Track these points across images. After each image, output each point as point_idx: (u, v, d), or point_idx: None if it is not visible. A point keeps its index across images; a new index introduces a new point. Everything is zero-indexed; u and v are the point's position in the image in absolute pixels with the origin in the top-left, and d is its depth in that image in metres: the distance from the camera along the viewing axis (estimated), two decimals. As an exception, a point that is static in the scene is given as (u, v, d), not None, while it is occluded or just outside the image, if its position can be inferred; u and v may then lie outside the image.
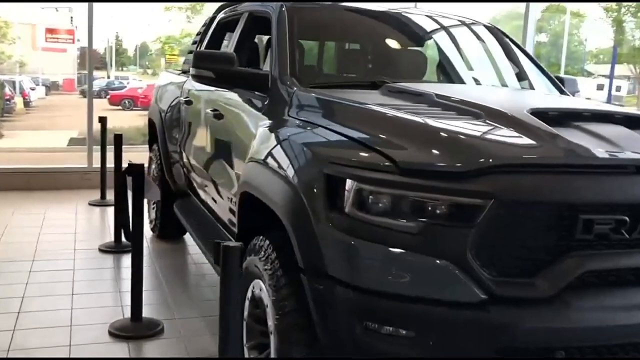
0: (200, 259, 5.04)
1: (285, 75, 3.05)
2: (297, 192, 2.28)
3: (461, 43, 3.70)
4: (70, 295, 4.14)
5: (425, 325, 2.03)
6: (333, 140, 2.31)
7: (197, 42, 5.04)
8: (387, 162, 2.07)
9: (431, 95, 2.60)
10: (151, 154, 5.62)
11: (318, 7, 3.59)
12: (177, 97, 4.96)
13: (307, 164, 2.29)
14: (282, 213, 2.35)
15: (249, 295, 2.75)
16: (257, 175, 2.64)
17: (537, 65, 3.73)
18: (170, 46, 19.70)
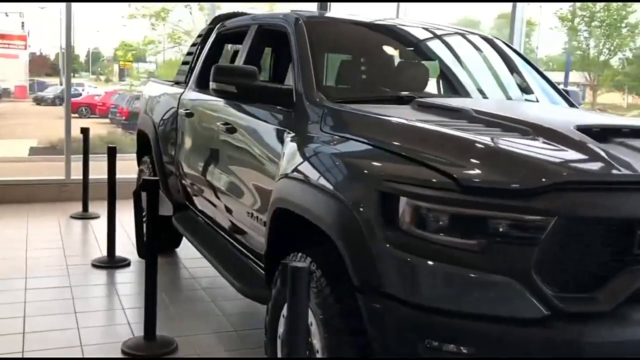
0: (197, 273, 4.98)
1: (311, 90, 3.04)
2: (349, 210, 2.26)
3: (475, 56, 3.75)
4: (74, 313, 4.03)
5: (488, 342, 2.04)
6: (383, 156, 2.30)
7: (194, 54, 4.98)
8: (446, 179, 2.08)
9: (468, 111, 2.63)
10: (142, 166, 5.51)
11: (336, 20, 3.59)
12: (173, 108, 4.88)
13: (359, 181, 2.28)
14: (333, 231, 2.33)
15: (284, 313, 2.72)
16: (297, 192, 2.61)
17: (543, 77, 3.80)
18: (129, 52, 19.35)
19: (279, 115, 3.20)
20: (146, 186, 3.45)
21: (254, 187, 3.34)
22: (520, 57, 3.93)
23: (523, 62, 3.90)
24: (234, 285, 3.43)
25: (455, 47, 3.77)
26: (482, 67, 3.75)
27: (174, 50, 17.89)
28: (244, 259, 3.68)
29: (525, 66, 3.88)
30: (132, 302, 4.29)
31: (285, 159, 2.87)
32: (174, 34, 17.56)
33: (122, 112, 18.47)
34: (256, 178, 3.31)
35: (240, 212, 3.52)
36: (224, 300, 4.44)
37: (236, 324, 4.01)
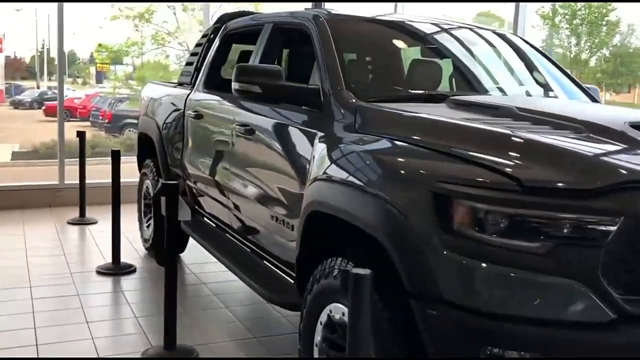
0: (205, 278, 4.86)
1: (340, 90, 2.95)
2: (400, 213, 2.18)
3: (493, 53, 3.69)
4: (85, 323, 3.90)
5: (553, 348, 1.97)
6: (433, 157, 2.22)
7: (199, 54, 4.86)
8: (508, 180, 2.00)
9: (511, 108, 2.56)
10: (145, 169, 5.39)
11: (357, 18, 3.51)
12: (179, 110, 4.77)
13: (410, 182, 2.20)
14: (382, 235, 2.24)
15: (322, 320, 2.63)
16: (337, 195, 2.52)
17: (564, 72, 3.75)
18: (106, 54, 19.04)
19: (305, 116, 3.11)
20: (165, 190, 3.34)
21: (278, 190, 3.25)
22: (538, 52, 3.87)
23: (541, 57, 3.84)
24: (259, 292, 3.34)
25: (475, 44, 3.70)
26: (501, 63, 3.68)
27: (158, 51, 17.67)
28: (266, 265, 3.59)
29: (543, 61, 3.82)
30: (143, 310, 4.17)
31: (318, 160, 2.78)
32: (158, 35, 17.35)
33: (105, 114, 18.23)
34: (280, 180, 3.22)
35: (262, 216, 3.43)
36: (236, 305, 4.34)
37: (254, 330, 3.91)
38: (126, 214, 6.62)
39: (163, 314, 3.98)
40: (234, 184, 3.76)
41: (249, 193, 3.58)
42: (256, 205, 3.49)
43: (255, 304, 4.38)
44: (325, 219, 2.67)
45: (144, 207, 5.52)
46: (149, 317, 4.04)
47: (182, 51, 18.14)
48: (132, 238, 5.71)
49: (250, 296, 4.52)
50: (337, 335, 2.57)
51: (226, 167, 3.89)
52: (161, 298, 4.35)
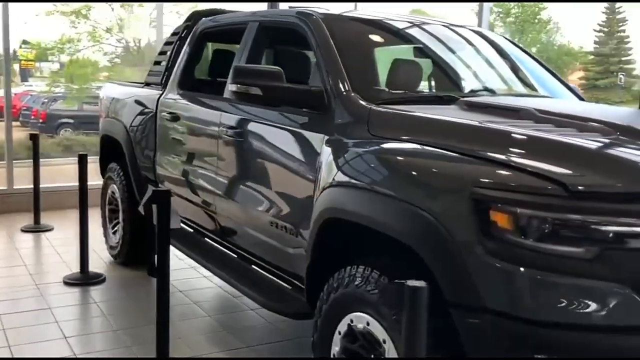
0: (181, 286, 4.68)
1: (347, 92, 2.87)
2: (436, 220, 2.12)
3: (488, 52, 3.68)
4: (64, 338, 3.69)
5: (602, 353, 1.96)
6: (466, 162, 2.17)
7: (171, 53, 4.68)
8: (553, 185, 1.97)
9: (530, 110, 2.54)
10: (110, 173, 5.15)
11: (353, 17, 3.43)
12: (150, 111, 4.58)
13: (445, 188, 2.14)
14: (418, 243, 2.18)
15: (341, 330, 2.55)
16: (360, 202, 2.44)
17: (551, 72, 3.79)
18: (31, 51, 18.26)
19: (307, 119, 3.01)
20: (157, 197, 3.17)
21: (277, 194, 3.14)
22: (521, 50, 3.88)
23: (526, 55, 3.86)
24: (258, 301, 3.23)
25: (466, 43, 3.68)
26: (496, 63, 3.67)
27: (95, 48, 17.12)
28: (258, 271, 3.48)
29: (525, 59, 3.83)
30: (122, 322, 3.97)
31: (330, 165, 2.68)
32: (95, 32, 16.82)
33: (38, 114, 17.55)
34: (280, 184, 3.12)
35: (257, 222, 3.31)
36: (218, 314, 4.21)
37: (245, 339, 3.78)
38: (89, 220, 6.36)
39: (144, 325, 3.87)
40: (221, 189, 3.63)
41: (240, 198, 3.45)
42: (250, 210, 3.37)
43: (237, 312, 4.26)
44: (341, 227, 2.59)
45: (109, 213, 5.29)
46: (131, 329, 3.86)
47: (118, 47, 17.63)
48: (92, 245, 5.43)
49: (230, 304, 4.41)
50: (358, 345, 2.49)
51: (210, 171, 3.75)
52: (139, 308, 4.21)
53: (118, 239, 5.08)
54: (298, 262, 3.07)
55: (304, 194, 2.94)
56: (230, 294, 4.58)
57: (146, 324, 3.95)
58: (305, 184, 2.92)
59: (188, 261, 5.17)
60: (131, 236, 4.91)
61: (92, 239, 5.38)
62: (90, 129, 15.54)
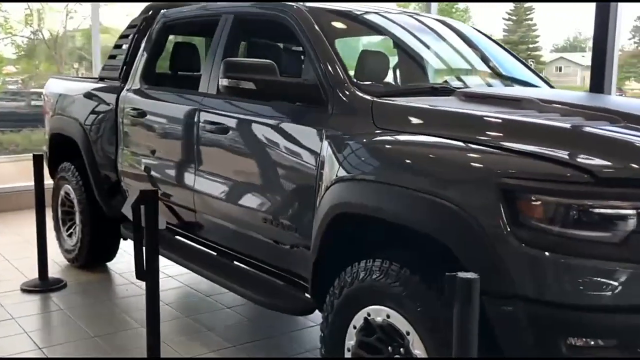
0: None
1: (344, 84, 2.85)
2: (463, 211, 2.14)
3: (463, 43, 3.73)
4: (38, 349, 3.50)
5: (632, 333, 2.04)
6: (491, 153, 2.19)
7: (129, 46, 4.50)
8: (580, 173, 2.03)
9: (532, 100, 2.60)
10: (64, 173, 4.91)
11: (335, 10, 3.40)
12: (109, 107, 4.41)
13: (474, 180, 2.16)
14: (444, 234, 2.20)
15: (356, 323, 2.55)
16: (377, 196, 2.43)
17: (517, 59, 3.89)
18: None
19: (301, 113, 2.97)
20: (144, 198, 3.05)
21: (272, 191, 3.09)
22: (488, 39, 3.96)
23: (496, 45, 3.94)
24: (254, 300, 3.18)
25: (436, 33, 3.72)
26: (465, 52, 3.73)
27: (7, 41, 16.27)
28: (243, 268, 3.43)
29: (497, 49, 3.91)
30: (98, 328, 3.81)
31: (335, 160, 2.66)
32: (6, 23, 15.99)
33: None
34: (276, 181, 3.06)
35: (248, 220, 3.25)
36: (197, 314, 4.10)
37: (229, 338, 3.71)
38: (26, 221, 6.11)
39: (122, 331, 3.75)
40: (202, 186, 3.54)
41: (226, 195, 3.38)
42: (238, 207, 3.30)
43: (215, 311, 4.18)
44: (352, 222, 2.59)
45: (62, 215, 5.05)
46: (109, 335, 3.71)
47: (34, 40, 16.88)
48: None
49: (205, 303, 4.32)
50: (375, 338, 2.49)
51: (187, 168, 3.65)
52: (111, 313, 4.06)
53: (75, 242, 4.86)
54: (295, 259, 3.04)
55: (302, 189, 2.91)
56: (202, 292, 4.49)
57: (123, 329, 3.83)
58: (303, 178, 2.89)
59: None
60: (91, 238, 4.71)
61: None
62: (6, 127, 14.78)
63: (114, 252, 4.93)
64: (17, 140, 14.29)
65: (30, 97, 18.02)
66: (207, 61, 3.67)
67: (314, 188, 2.82)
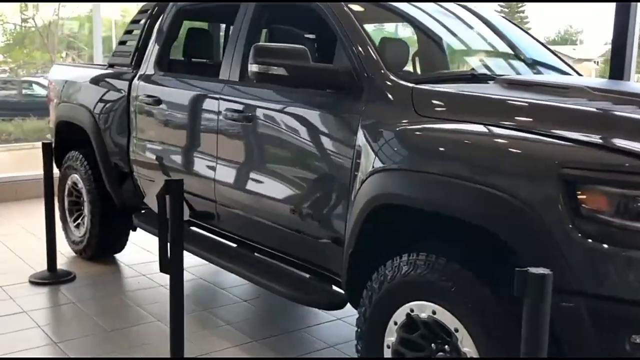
0: (160, 280, 4.41)
1: (383, 72, 2.74)
2: (521, 203, 2.05)
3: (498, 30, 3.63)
4: (53, 344, 3.39)
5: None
6: (549, 143, 2.10)
7: (141, 32, 4.36)
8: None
9: (581, 88, 2.51)
10: (71, 162, 4.78)
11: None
12: (121, 95, 4.27)
13: (532, 170, 2.06)
14: (500, 226, 2.11)
15: (397, 319, 2.45)
16: (423, 187, 2.33)
17: (549, 49, 3.80)
18: None
19: (336, 100, 2.86)
20: (169, 188, 2.94)
21: (301, 182, 2.98)
22: (515, 26, 3.86)
23: (514, 28, 3.84)
24: (283, 294, 3.07)
25: (461, 18, 3.62)
26: (501, 39, 3.63)
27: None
28: (273, 262, 3.33)
29: (517, 33, 3.81)
30: (113, 322, 3.69)
31: (374, 149, 2.56)
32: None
33: None
34: (305, 171, 2.96)
35: (275, 211, 3.14)
36: (213, 307, 3.99)
37: (249, 332, 3.61)
38: (27, 212, 5.99)
39: (137, 325, 3.65)
40: (223, 176, 3.42)
41: (250, 185, 3.27)
42: (263, 198, 3.19)
43: (232, 304, 4.08)
44: (391, 214, 2.49)
45: (69, 205, 4.92)
46: (126, 329, 3.60)
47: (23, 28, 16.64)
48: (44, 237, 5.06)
49: (220, 295, 4.22)
50: (418, 334, 2.40)
51: (208, 157, 3.53)
52: (124, 306, 3.94)
53: (83, 233, 4.74)
54: (324, 251, 2.95)
55: (334, 179, 2.81)
56: (216, 285, 4.39)
57: (139, 323, 3.73)
58: (336, 168, 2.79)
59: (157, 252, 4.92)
60: (100, 229, 4.59)
61: (43, 233, 5.05)
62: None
63: (123, 244, 4.81)
64: (10, 129, 14.07)
65: (22, 85, 17.78)
66: (228, 48, 3.55)
67: (348, 178, 2.72)
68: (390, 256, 2.51)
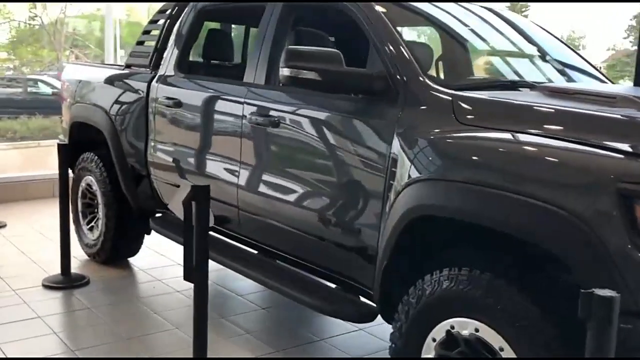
0: (176, 285, 4.32)
1: (418, 77, 2.66)
2: (571, 216, 1.96)
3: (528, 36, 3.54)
4: (70, 351, 3.30)
5: None
6: (603, 155, 2.00)
7: (160, 32, 4.27)
8: None
9: (627, 97, 2.42)
10: (86, 164, 4.68)
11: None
12: (139, 96, 4.19)
13: (588, 183, 1.98)
14: (550, 241, 2.02)
15: (436, 336, 2.36)
16: (467, 198, 2.24)
17: (580, 56, 3.71)
18: None
19: (369, 106, 2.77)
20: (196, 194, 2.85)
21: (332, 190, 2.89)
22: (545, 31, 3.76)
23: (545, 34, 3.74)
24: (312, 306, 2.99)
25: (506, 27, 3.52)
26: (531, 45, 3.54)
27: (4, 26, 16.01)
28: (298, 271, 3.24)
29: (548, 38, 3.71)
30: (130, 329, 3.60)
31: (411, 158, 2.47)
32: (4, 8, 15.70)
33: None
34: (337, 179, 2.87)
35: (302, 219, 3.05)
36: (232, 315, 3.90)
37: (271, 342, 3.52)
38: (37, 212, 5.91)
39: (158, 332, 3.56)
40: (247, 182, 3.33)
41: (276, 192, 3.18)
42: (290, 205, 3.10)
43: (250, 312, 3.99)
44: (427, 225, 2.41)
45: (83, 207, 4.83)
46: (145, 337, 3.51)
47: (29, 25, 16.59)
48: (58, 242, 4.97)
49: (238, 303, 4.13)
50: (457, 352, 2.31)
51: (231, 162, 3.44)
52: (140, 313, 3.85)
53: (97, 236, 4.64)
54: (353, 261, 2.86)
55: (367, 188, 2.72)
56: (233, 291, 4.30)
57: (157, 330, 3.65)
58: (369, 177, 2.70)
59: (171, 257, 4.84)
60: (115, 232, 4.50)
61: (55, 236, 4.97)
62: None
63: (137, 247, 4.72)
64: (15, 128, 14.00)
65: (27, 83, 17.72)
66: (253, 50, 3.46)
67: (382, 187, 2.63)
68: (424, 269, 2.43)
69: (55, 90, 16.37)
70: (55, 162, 4.36)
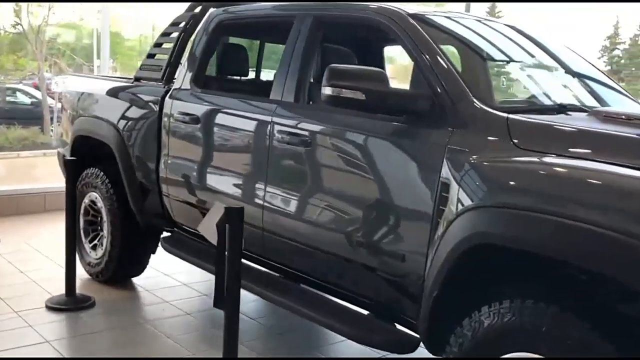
0: (185, 307, 4.16)
1: (468, 98, 2.56)
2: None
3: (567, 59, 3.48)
4: (86, 380, 3.13)
5: None
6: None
7: (174, 45, 4.14)
8: None
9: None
10: (90, 179, 4.51)
11: (437, 16, 3.11)
12: (151, 111, 4.04)
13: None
14: (624, 273, 1.93)
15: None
16: (530, 227, 2.13)
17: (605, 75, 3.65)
18: None
19: (414, 128, 2.67)
20: (230, 217, 2.71)
21: (375, 214, 2.78)
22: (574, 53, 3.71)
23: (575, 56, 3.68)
24: (345, 334, 2.87)
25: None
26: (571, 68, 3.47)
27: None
28: (329, 298, 3.12)
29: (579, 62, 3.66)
30: (143, 354, 3.44)
31: (465, 183, 2.37)
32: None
33: None
34: (379, 203, 2.75)
35: (337, 243, 2.93)
36: (251, 339, 3.73)
37: (294, 370, 3.39)
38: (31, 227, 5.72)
39: (172, 356, 3.40)
40: (275, 203, 3.21)
41: (307, 214, 3.06)
42: (321, 229, 2.98)
43: (269, 337, 3.85)
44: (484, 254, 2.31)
45: (85, 225, 4.64)
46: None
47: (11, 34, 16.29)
48: (57, 260, 4.77)
49: (253, 326, 3.97)
50: (515, 388, 2.21)
51: (256, 182, 3.31)
52: (154, 337, 3.70)
53: (101, 255, 4.46)
54: (397, 290, 2.74)
55: (414, 214, 2.61)
56: (243, 313, 4.13)
57: (171, 355, 3.46)
58: (416, 201, 2.60)
59: (177, 277, 4.68)
60: (120, 251, 4.32)
61: (51, 252, 4.80)
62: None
63: (143, 267, 4.54)
64: (-7, 138, 13.62)
65: (5, 92, 17.32)
66: (281, 66, 3.34)
67: (431, 213, 2.53)
68: (475, 299, 2.33)
69: (34, 100, 16.07)
70: (42, 174, 4.20)
